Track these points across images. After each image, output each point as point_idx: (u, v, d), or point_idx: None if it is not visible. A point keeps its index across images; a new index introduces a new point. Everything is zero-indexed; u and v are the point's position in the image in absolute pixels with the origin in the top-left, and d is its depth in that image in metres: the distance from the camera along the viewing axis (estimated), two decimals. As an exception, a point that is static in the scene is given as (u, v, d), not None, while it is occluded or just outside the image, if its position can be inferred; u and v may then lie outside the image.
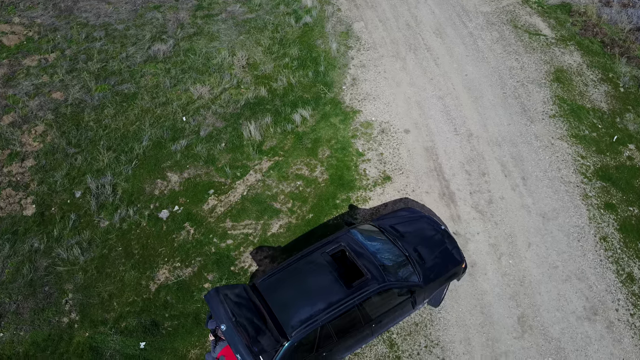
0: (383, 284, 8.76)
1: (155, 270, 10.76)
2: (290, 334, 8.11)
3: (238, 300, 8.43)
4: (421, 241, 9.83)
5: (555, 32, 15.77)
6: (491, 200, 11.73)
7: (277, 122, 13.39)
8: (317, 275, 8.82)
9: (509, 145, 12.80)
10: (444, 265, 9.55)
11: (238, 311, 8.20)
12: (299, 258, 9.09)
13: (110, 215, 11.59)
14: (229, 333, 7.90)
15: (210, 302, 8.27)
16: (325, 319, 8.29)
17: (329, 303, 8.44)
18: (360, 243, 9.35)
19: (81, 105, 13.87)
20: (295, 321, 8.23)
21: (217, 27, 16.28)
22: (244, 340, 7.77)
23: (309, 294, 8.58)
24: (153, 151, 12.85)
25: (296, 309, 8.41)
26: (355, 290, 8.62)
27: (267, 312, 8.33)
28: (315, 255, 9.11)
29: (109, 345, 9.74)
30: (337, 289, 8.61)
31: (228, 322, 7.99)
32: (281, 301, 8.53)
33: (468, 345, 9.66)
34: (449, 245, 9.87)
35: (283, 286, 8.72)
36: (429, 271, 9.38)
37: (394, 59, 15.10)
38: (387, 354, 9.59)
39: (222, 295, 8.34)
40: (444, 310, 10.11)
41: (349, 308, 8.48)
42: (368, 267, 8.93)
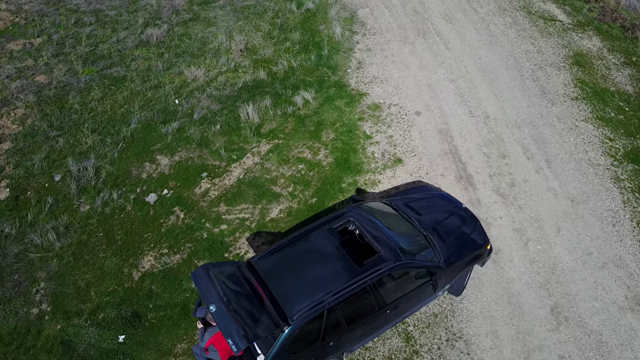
0: (399, 262, 7.56)
1: (140, 258, 9.56)
2: (292, 318, 6.88)
3: (231, 279, 7.23)
4: (440, 220, 8.67)
5: (572, 18, 14.89)
6: (513, 183, 10.60)
7: (277, 105, 12.36)
8: (323, 253, 7.64)
9: (529, 127, 11.74)
10: (466, 246, 8.37)
11: (230, 291, 7.00)
12: (301, 235, 7.92)
13: (91, 199, 10.44)
14: (219, 315, 6.67)
15: (197, 280, 7.07)
16: (332, 301, 7.07)
17: (336, 283, 7.23)
18: (370, 219, 8.18)
19: (66, 89, 12.86)
20: (298, 303, 7.01)
21: (214, 14, 15.41)
22: (237, 323, 6.54)
23: (314, 274, 7.39)
24: (142, 134, 11.78)
25: (298, 289, 7.21)
26: (367, 269, 7.43)
27: (265, 293, 7.11)
28: (320, 232, 7.93)
29: (82, 338, 8.47)
30: (346, 268, 7.41)
31: (218, 302, 6.77)
32: (281, 281, 7.32)
33: (496, 338, 8.41)
34: (471, 225, 8.71)
35: (283, 264, 7.53)
36: (450, 252, 8.19)
37: (401, 43, 14.17)
38: (403, 348, 8.32)
39: (212, 272, 7.14)
40: (466, 300, 8.88)
41: (360, 289, 7.27)
42: (381, 244, 7.75)
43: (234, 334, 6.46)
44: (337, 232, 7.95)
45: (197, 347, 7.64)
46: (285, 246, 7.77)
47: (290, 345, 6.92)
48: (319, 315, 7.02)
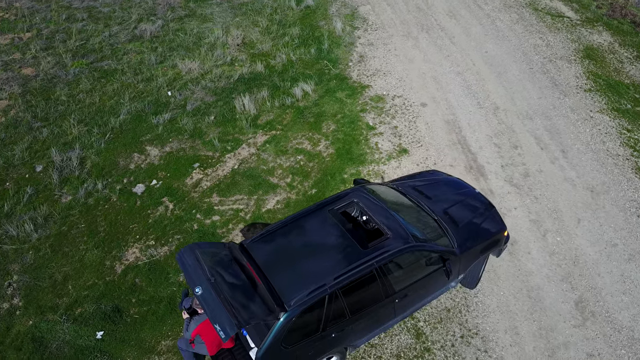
0: (409, 245, 6.78)
1: (124, 250, 8.76)
2: (289, 303, 6.06)
3: (220, 261, 6.44)
4: (452, 204, 7.91)
5: (580, 15, 14.41)
6: (527, 174, 9.88)
7: (275, 96, 11.72)
8: (324, 235, 6.86)
9: (541, 118, 11.08)
10: (482, 232, 7.59)
11: (219, 272, 6.21)
12: (299, 216, 7.15)
13: (74, 189, 9.69)
14: (205, 298, 5.86)
15: (183, 260, 6.27)
16: (334, 285, 6.26)
17: (339, 266, 6.43)
18: (375, 201, 7.43)
19: (54, 81, 12.26)
20: (295, 288, 6.20)
21: (211, 10, 14.94)
22: (226, 307, 5.72)
23: (313, 257, 6.60)
24: (131, 125, 11.10)
25: (296, 273, 6.41)
26: (373, 251, 6.63)
27: (259, 276, 6.30)
28: (321, 213, 7.17)
29: (56, 335, 7.61)
30: (350, 250, 6.63)
31: (205, 284, 5.96)
32: (277, 264, 6.53)
33: (516, 335, 7.56)
34: (486, 211, 7.95)
35: (279, 247, 6.74)
36: (464, 237, 7.41)
37: (405, 38, 13.64)
38: (413, 345, 7.46)
39: (199, 253, 6.35)
40: (481, 294, 8.06)
41: (365, 273, 6.47)
42: (388, 226, 6.98)
43: (222, 319, 5.64)
44: (339, 214, 7.19)
45: (182, 340, 6.79)
46: (282, 228, 6.99)
47: (287, 336, 6.08)
48: (320, 301, 6.20)
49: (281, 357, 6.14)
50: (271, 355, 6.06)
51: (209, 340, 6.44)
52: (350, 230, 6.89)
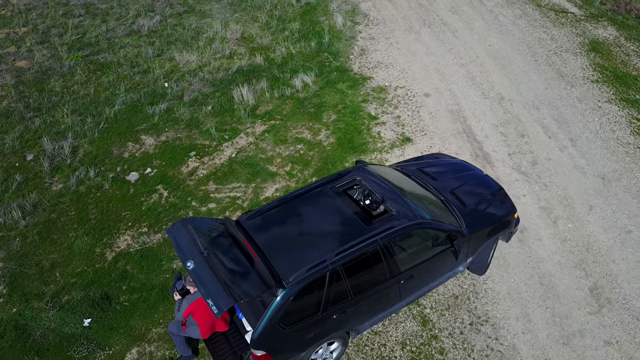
0: (415, 222, 6.39)
1: (115, 237, 8.36)
2: (287, 280, 5.65)
3: (214, 235, 6.05)
4: (459, 185, 7.56)
5: (584, 10, 14.22)
6: (535, 162, 9.53)
7: (275, 87, 11.43)
8: (325, 212, 6.49)
9: (548, 108, 10.78)
10: (491, 212, 7.22)
11: (213, 247, 5.81)
12: (298, 194, 6.77)
13: (65, 177, 9.34)
14: (197, 272, 5.46)
15: (173, 235, 5.88)
16: (336, 261, 5.86)
17: (341, 242, 6.04)
18: (379, 179, 7.06)
19: (48, 73, 12.00)
20: (294, 264, 5.80)
21: (210, 7, 14.76)
22: (219, 282, 5.32)
23: (314, 233, 6.21)
24: (126, 115, 10.80)
25: (296, 250, 6.02)
26: (377, 227, 6.24)
27: (256, 252, 5.89)
28: (322, 190, 6.80)
29: (41, 322, 7.18)
30: (353, 226, 6.25)
31: (198, 258, 5.57)
32: (275, 241, 6.14)
33: (528, 322, 7.12)
34: (495, 192, 7.59)
35: (277, 224, 6.36)
36: (472, 218, 7.03)
37: (406, 32, 13.42)
38: (419, 332, 7.02)
39: (191, 227, 5.96)
40: (490, 281, 7.64)
41: (369, 250, 6.07)
42: (392, 204, 6.60)
43: (215, 294, 5.23)
44: (341, 191, 6.81)
45: (174, 324, 6.36)
46: (280, 205, 6.62)
47: (285, 315, 5.66)
48: (320, 279, 5.79)
49: (278, 339, 5.71)
50: (268, 336, 5.63)
51: (202, 320, 6.02)
52: (353, 208, 6.52)
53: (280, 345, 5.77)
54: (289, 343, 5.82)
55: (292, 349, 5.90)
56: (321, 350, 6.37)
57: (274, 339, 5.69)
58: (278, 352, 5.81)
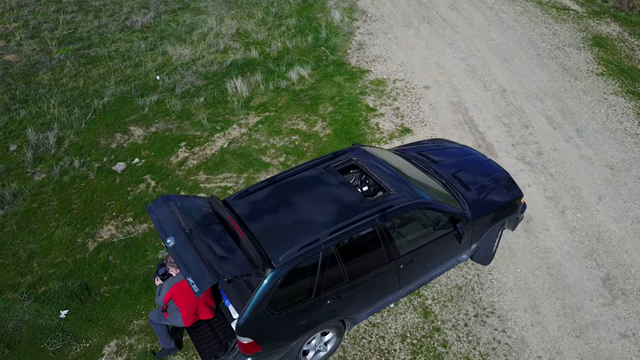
0: (415, 201, 5.95)
1: (98, 227, 7.91)
2: (277, 260, 5.19)
3: (198, 213, 5.61)
4: (461, 169, 7.14)
5: (586, 8, 13.95)
6: (540, 152, 9.12)
7: (270, 80, 11.08)
8: (319, 191, 6.05)
9: (552, 100, 10.41)
10: (496, 196, 6.79)
11: (196, 223, 5.36)
12: (289, 174, 6.34)
13: (48, 167, 8.91)
14: (178, 250, 5.01)
15: (153, 211, 5.43)
16: (330, 241, 5.40)
17: (336, 220, 5.59)
18: (377, 160, 6.64)
19: (37, 66, 11.66)
20: (285, 243, 5.34)
21: (205, 4, 14.50)
22: (202, 259, 4.86)
23: (306, 212, 5.77)
24: (115, 106, 10.42)
25: (286, 229, 5.57)
26: (374, 206, 5.80)
27: (244, 232, 5.43)
28: (315, 170, 6.37)
29: (14, 314, 6.69)
30: (349, 205, 5.81)
31: (179, 234, 5.12)
32: (264, 219, 5.69)
33: (537, 314, 6.64)
34: (500, 176, 7.17)
35: (267, 203, 5.92)
36: (476, 201, 6.60)
37: (405, 28, 13.13)
38: (420, 324, 6.53)
39: (173, 203, 5.52)
40: (495, 271, 7.17)
41: (365, 229, 5.62)
42: (391, 184, 6.17)
43: (197, 271, 4.77)
44: (336, 171, 6.38)
45: (155, 312, 5.87)
46: (270, 184, 6.18)
47: (274, 299, 5.18)
48: (313, 260, 5.33)
49: (267, 325, 5.23)
50: (255, 322, 5.15)
51: (184, 305, 5.54)
52: (348, 187, 6.08)
53: (269, 332, 5.29)
54: (279, 330, 5.34)
55: (282, 337, 5.41)
56: (314, 341, 5.88)
57: (261, 325, 5.21)
58: (266, 340, 5.32)
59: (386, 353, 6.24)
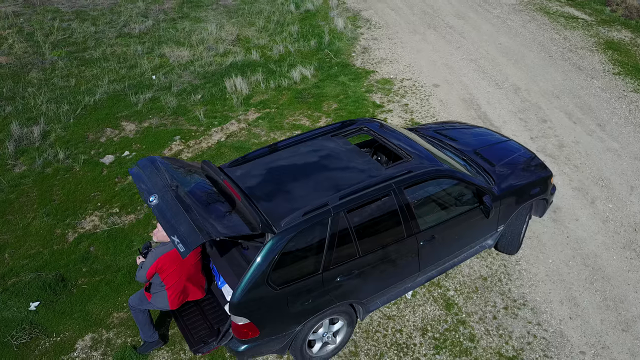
0: (437, 167, 5.24)
1: (81, 217, 7.15)
2: (278, 225, 4.43)
3: (188, 174, 4.89)
4: (483, 146, 6.48)
5: (595, 17, 13.64)
6: (562, 145, 8.48)
7: (271, 79, 10.55)
8: (327, 156, 5.36)
9: (569, 96, 9.86)
10: (524, 172, 6.10)
11: (185, 183, 4.64)
12: (292, 142, 5.65)
13: (30, 160, 8.23)
14: (162, 208, 4.26)
15: (137, 172, 4.70)
16: (340, 206, 4.65)
17: (347, 184, 4.86)
18: (391, 129, 5.98)
19: (28, 67, 11.14)
20: (288, 208, 4.59)
21: (206, 13, 14.20)
22: (190, 217, 4.11)
23: (313, 177, 5.05)
24: (107, 103, 9.84)
25: (289, 194, 4.83)
26: (390, 171, 5.09)
27: (241, 196, 4.68)
28: (322, 139, 5.69)
29: (-23, 306, 5.84)
30: (362, 170, 5.10)
31: (164, 192, 4.38)
32: (264, 186, 4.97)
33: (575, 306, 5.81)
34: (526, 155, 6.49)
35: (268, 169, 5.21)
36: (502, 176, 5.90)
37: (411, 33, 12.75)
38: (443, 317, 5.69)
39: (161, 163, 4.80)
40: (524, 262, 6.38)
41: (380, 195, 4.87)
42: (408, 151, 5.48)
43: (183, 228, 4.01)
44: (346, 140, 5.70)
45: (135, 296, 5.04)
46: (271, 152, 5.48)
47: (275, 271, 4.39)
48: (320, 227, 4.56)
49: (266, 303, 4.41)
50: (252, 297, 4.34)
51: (171, 282, 4.72)
52: (361, 153, 5.39)
53: (269, 312, 4.46)
54: (280, 311, 4.51)
55: (284, 319, 4.58)
56: (321, 330, 5.03)
57: (260, 303, 4.40)
58: (265, 322, 4.49)
59: (404, 348, 5.37)
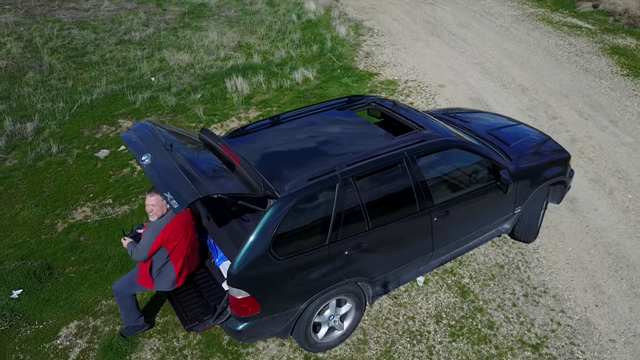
0: (450, 137, 4.92)
1: (72, 208, 6.79)
2: (282, 189, 4.07)
3: (184, 139, 4.56)
4: (496, 128, 6.16)
5: (598, 26, 13.55)
6: (575, 139, 8.18)
7: (273, 80, 10.33)
8: (335, 126, 5.04)
9: (579, 95, 9.63)
10: (540, 151, 5.77)
11: (181, 146, 4.30)
12: (296, 114, 5.34)
13: (22, 154, 7.91)
14: (156, 167, 3.91)
15: (131, 137, 4.37)
16: (348, 172, 4.30)
17: (355, 151, 4.53)
18: (401, 104, 5.69)
19: (25, 69, 10.94)
20: (292, 173, 4.24)
21: (207, 23, 14.12)
22: (185, 175, 3.77)
23: (319, 145, 4.73)
24: (105, 102, 9.59)
25: (292, 160, 4.50)
26: (402, 139, 4.77)
27: (242, 162, 4.32)
28: (328, 112, 5.38)
29: (-45, 294, 5.41)
30: (372, 139, 4.78)
31: (158, 152, 4.04)
32: (265, 153, 4.65)
33: (600, 294, 5.38)
34: (540, 136, 6.18)
35: (269, 138, 4.89)
36: (518, 154, 5.58)
37: (414, 40, 12.63)
38: (458, 304, 5.27)
39: (156, 128, 4.47)
40: (542, 250, 5.98)
41: (392, 162, 4.53)
42: (421, 123, 5.16)
43: (177, 184, 3.66)
44: (354, 113, 5.40)
45: (122, 282, 4.62)
46: (273, 123, 5.17)
47: (278, 239, 4.00)
48: (327, 194, 4.20)
49: (268, 275, 4.02)
50: (253, 267, 3.95)
51: (178, 254, 4.32)
52: (370, 125, 5.09)
53: (271, 285, 4.06)
54: (283, 284, 4.11)
55: (288, 295, 4.17)
56: (328, 311, 4.60)
57: (261, 274, 4.00)
58: (267, 296, 4.08)
59: (418, 335, 4.93)
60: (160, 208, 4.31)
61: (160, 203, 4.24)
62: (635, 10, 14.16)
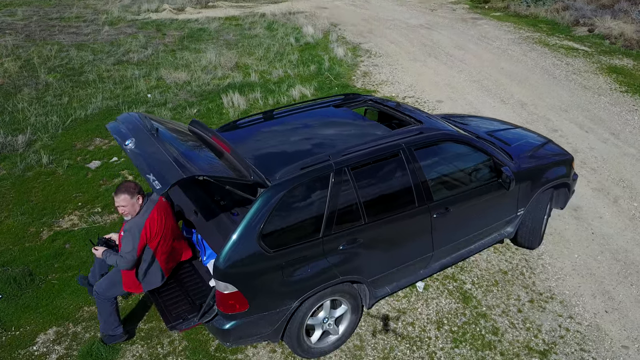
0: (449, 131, 4.76)
1: (59, 216, 6.56)
2: (273, 177, 3.87)
3: (172, 128, 4.38)
4: (497, 130, 6.01)
5: (595, 48, 13.62)
6: (576, 150, 8.04)
7: (269, 97, 10.27)
8: (330, 121, 4.90)
9: (578, 110, 9.55)
10: (543, 153, 5.61)
11: (167, 131, 4.13)
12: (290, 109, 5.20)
13: (12, 165, 7.74)
14: (139, 151, 3.72)
15: (116, 125, 4.19)
16: (342, 162, 4.11)
17: (351, 142, 4.36)
18: (399, 103, 5.56)
19: (21, 87, 10.90)
20: (283, 162, 4.05)
21: (205, 46, 14.19)
22: (169, 157, 3.58)
23: (313, 138, 4.56)
24: (99, 116, 9.48)
25: (285, 151, 4.32)
26: (401, 131, 4.61)
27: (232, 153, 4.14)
28: (324, 109, 5.24)
29: None
30: (369, 131, 4.64)
31: (142, 136, 3.86)
32: (257, 144, 4.47)
33: (610, 300, 5.11)
34: (540, 139, 6.04)
35: (262, 131, 4.73)
36: (520, 153, 5.42)
37: (411, 61, 12.66)
38: (460, 310, 4.98)
39: (143, 117, 4.30)
40: (547, 256, 5.74)
41: (389, 153, 4.34)
42: (419, 118, 5.01)
43: (161, 166, 3.47)
44: (350, 109, 5.26)
45: (103, 282, 4.34)
46: (266, 118, 5.01)
47: (269, 229, 3.78)
48: (321, 184, 4.00)
49: (257, 268, 3.77)
50: (241, 259, 3.71)
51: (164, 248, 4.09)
52: (367, 120, 4.95)
53: (260, 280, 3.81)
54: (274, 280, 3.85)
55: (278, 291, 3.91)
56: (322, 313, 4.33)
57: (250, 267, 3.75)
58: (256, 291, 3.82)
59: (418, 341, 4.63)
60: (132, 206, 4.08)
61: (131, 201, 4.02)
62: (631, 33, 14.27)
